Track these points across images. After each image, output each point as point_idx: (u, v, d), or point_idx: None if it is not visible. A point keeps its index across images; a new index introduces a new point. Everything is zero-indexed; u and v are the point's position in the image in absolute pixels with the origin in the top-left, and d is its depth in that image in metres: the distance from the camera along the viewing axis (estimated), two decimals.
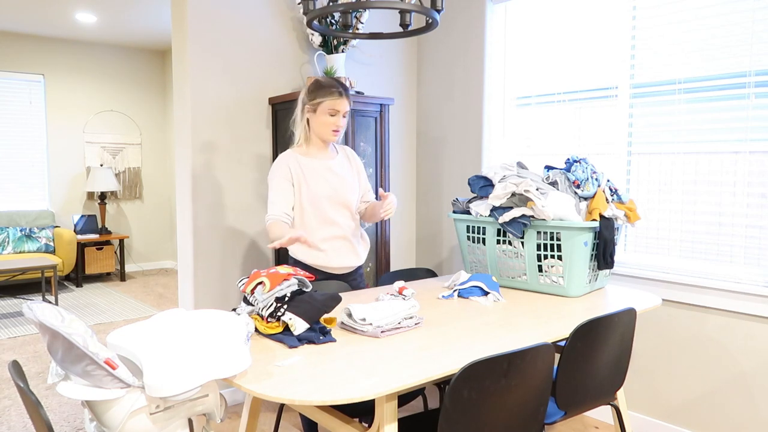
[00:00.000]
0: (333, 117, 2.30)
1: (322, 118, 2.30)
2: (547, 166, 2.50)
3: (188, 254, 3.13)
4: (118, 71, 7.24)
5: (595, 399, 1.98)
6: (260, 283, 1.73)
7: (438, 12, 2.08)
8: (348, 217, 2.42)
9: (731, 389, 2.61)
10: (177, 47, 3.14)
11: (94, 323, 4.98)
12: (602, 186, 2.42)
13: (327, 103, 2.27)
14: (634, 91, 2.92)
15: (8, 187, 6.61)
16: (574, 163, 2.46)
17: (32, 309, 1.32)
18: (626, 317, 1.95)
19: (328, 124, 2.30)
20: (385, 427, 1.50)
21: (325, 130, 2.32)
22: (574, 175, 2.39)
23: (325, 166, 2.37)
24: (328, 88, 2.28)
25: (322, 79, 2.33)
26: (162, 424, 1.36)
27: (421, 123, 3.99)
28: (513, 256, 2.43)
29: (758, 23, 2.50)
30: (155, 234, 7.67)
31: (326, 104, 2.28)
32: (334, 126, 2.31)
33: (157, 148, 7.61)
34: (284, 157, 2.35)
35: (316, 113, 2.31)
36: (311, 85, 2.33)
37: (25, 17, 5.82)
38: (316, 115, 2.31)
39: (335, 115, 2.30)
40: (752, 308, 2.52)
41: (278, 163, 2.34)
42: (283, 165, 2.33)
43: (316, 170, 2.35)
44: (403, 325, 1.81)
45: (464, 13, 3.63)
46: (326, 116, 2.29)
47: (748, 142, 2.56)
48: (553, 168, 2.48)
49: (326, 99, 2.27)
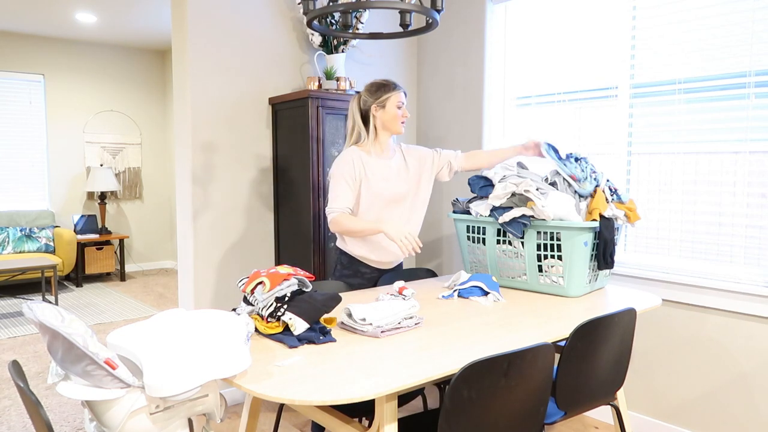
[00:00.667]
0: (400, 109, 2.47)
1: (392, 111, 2.46)
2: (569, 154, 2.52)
3: (188, 254, 3.13)
4: (118, 71, 7.24)
5: (595, 399, 1.98)
6: (260, 283, 1.74)
7: (438, 12, 2.08)
8: (400, 215, 2.54)
9: (731, 389, 2.61)
10: (177, 47, 3.14)
11: (94, 323, 4.98)
12: (601, 186, 2.42)
13: (394, 97, 2.45)
14: (634, 91, 2.92)
15: (8, 187, 6.61)
16: (576, 161, 2.47)
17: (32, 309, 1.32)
18: (626, 317, 1.95)
19: (397, 116, 2.47)
20: (385, 427, 1.50)
21: (395, 123, 2.48)
22: (569, 169, 2.39)
23: (385, 165, 2.50)
24: (391, 85, 2.46)
25: (378, 80, 2.50)
26: (162, 424, 1.36)
27: (421, 123, 3.99)
28: (513, 256, 2.43)
29: (758, 23, 2.50)
30: (155, 234, 7.67)
31: (393, 98, 2.45)
32: (402, 118, 2.48)
33: (157, 148, 7.61)
34: (350, 154, 2.44)
35: (386, 108, 2.46)
36: (371, 87, 2.48)
37: (25, 17, 5.82)
38: (385, 110, 2.46)
39: (401, 107, 2.47)
40: (752, 308, 2.52)
41: (344, 160, 2.43)
42: (349, 162, 2.42)
43: (378, 169, 2.47)
44: (403, 325, 1.81)
45: (464, 13, 3.63)
46: (395, 109, 2.45)
47: (748, 142, 2.56)
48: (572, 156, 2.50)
49: (392, 94, 2.45)
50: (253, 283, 1.76)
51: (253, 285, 1.75)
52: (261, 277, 1.75)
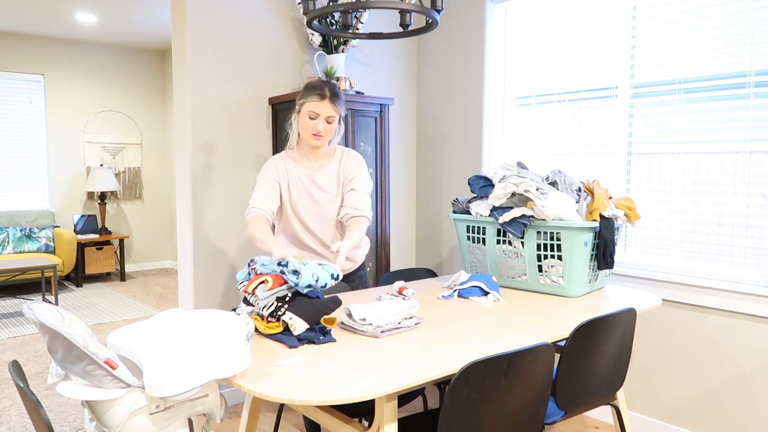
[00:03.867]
0: (313, 120, 2.20)
1: (303, 120, 2.23)
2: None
3: (188, 254, 3.13)
4: (118, 71, 7.24)
5: (595, 399, 1.99)
6: (263, 281, 1.74)
7: (438, 12, 2.08)
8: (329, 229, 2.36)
9: (731, 389, 2.61)
10: (177, 47, 3.14)
11: (94, 323, 4.98)
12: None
13: (307, 104, 2.20)
14: (634, 91, 2.92)
15: (8, 187, 6.61)
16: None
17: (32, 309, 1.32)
18: (626, 317, 1.95)
19: (307, 127, 2.22)
20: (385, 427, 1.50)
21: (305, 134, 2.24)
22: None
23: (308, 176, 2.31)
24: (312, 90, 2.20)
25: (313, 81, 2.27)
26: (162, 424, 1.36)
27: (421, 123, 3.99)
28: (513, 256, 2.43)
29: (758, 23, 2.50)
30: (155, 234, 7.67)
31: (307, 106, 2.20)
32: (313, 130, 2.21)
33: (157, 148, 7.61)
34: (274, 159, 2.34)
35: (300, 114, 2.25)
36: (306, 84, 2.28)
37: (25, 17, 5.82)
38: (299, 116, 2.25)
39: (315, 118, 2.20)
40: (752, 308, 2.52)
41: (268, 164, 2.33)
42: (272, 166, 2.31)
43: (299, 177, 2.31)
44: (403, 325, 1.81)
45: (464, 13, 3.63)
46: (306, 119, 2.21)
47: (748, 142, 2.56)
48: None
49: (307, 100, 2.20)
50: (255, 282, 1.76)
51: (256, 284, 1.75)
52: (264, 276, 1.75)
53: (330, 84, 2.23)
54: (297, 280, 1.69)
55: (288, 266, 1.73)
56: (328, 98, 2.19)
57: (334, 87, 2.23)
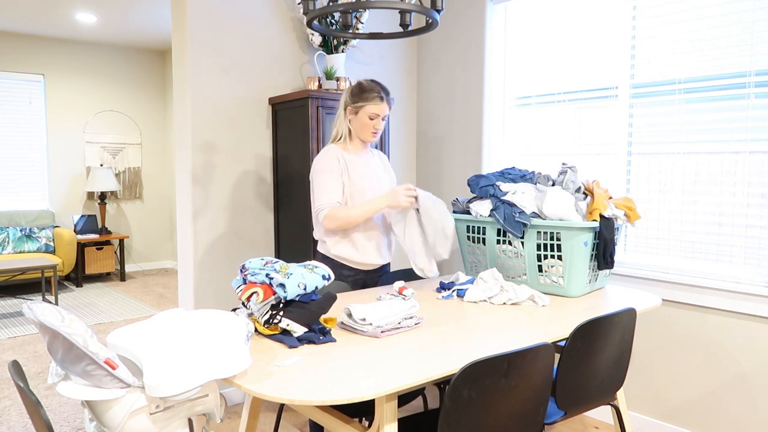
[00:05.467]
0: (373, 120, 2.39)
1: (363, 120, 2.39)
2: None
3: (188, 254, 3.13)
4: (118, 71, 7.24)
5: (595, 399, 1.99)
6: (254, 293, 1.73)
7: (438, 12, 2.08)
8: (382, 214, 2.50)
9: (731, 389, 2.61)
10: (177, 47, 3.14)
11: (94, 323, 4.98)
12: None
13: (368, 107, 2.37)
14: (634, 91, 2.92)
15: (8, 187, 6.61)
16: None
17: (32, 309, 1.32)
18: (626, 317, 1.95)
19: (368, 126, 2.40)
20: (385, 427, 1.50)
21: (365, 132, 2.42)
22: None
23: (364, 161, 2.47)
24: (370, 93, 2.37)
25: (364, 83, 2.41)
26: (162, 424, 1.36)
27: (421, 123, 3.99)
28: (513, 256, 2.43)
29: (758, 23, 2.50)
30: (155, 234, 7.67)
31: (367, 108, 2.37)
32: (373, 129, 2.41)
33: (157, 148, 7.61)
34: (330, 151, 2.41)
35: (358, 116, 2.40)
36: (354, 88, 2.40)
37: (25, 17, 5.82)
38: (357, 117, 2.40)
39: (375, 119, 2.39)
40: (752, 308, 2.52)
41: (325, 156, 2.39)
42: (332, 158, 2.39)
43: (358, 165, 2.44)
44: (403, 325, 1.81)
45: (464, 13, 3.63)
46: (366, 119, 2.39)
47: (748, 142, 2.56)
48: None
49: (368, 104, 2.37)
50: (247, 292, 1.76)
51: (248, 294, 1.75)
52: (255, 287, 1.74)
53: (381, 85, 2.42)
54: (284, 294, 1.69)
55: (273, 281, 1.73)
56: (385, 99, 2.40)
57: (385, 87, 2.43)
